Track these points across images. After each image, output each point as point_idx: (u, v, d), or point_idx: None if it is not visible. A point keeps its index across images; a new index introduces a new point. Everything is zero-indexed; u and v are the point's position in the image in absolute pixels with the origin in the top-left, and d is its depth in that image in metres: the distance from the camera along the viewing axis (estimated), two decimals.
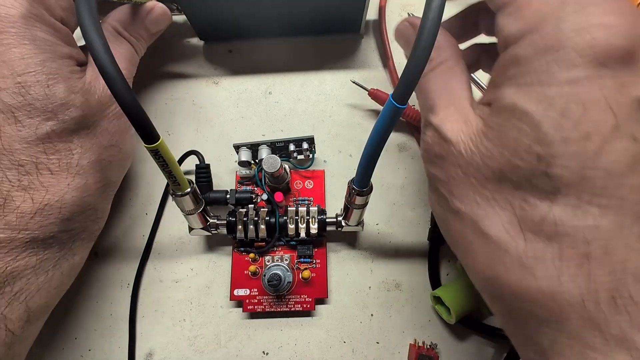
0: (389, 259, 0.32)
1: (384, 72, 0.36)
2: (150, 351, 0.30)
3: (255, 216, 0.29)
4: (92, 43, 0.18)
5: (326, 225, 0.29)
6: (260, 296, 0.30)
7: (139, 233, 0.33)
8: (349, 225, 0.29)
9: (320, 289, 0.30)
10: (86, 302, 0.31)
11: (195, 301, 0.31)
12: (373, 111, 0.35)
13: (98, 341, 0.31)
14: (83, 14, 0.18)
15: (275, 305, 0.30)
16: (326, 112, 0.35)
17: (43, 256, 0.23)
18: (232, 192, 0.31)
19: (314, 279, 0.30)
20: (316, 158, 0.33)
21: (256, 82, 0.36)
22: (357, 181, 0.23)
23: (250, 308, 0.30)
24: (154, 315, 0.31)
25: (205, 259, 0.32)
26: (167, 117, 0.35)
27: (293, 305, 0.30)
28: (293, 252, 0.31)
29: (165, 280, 0.32)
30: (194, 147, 0.33)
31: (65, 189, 0.23)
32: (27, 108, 0.21)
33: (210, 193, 0.31)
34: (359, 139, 0.34)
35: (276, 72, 0.36)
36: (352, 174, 0.23)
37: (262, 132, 0.35)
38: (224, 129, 0.35)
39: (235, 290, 0.30)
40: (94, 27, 0.18)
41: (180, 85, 0.36)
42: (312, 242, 0.31)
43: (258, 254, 0.31)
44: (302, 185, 0.33)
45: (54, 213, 0.22)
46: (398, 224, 0.33)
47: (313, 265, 0.31)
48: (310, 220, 0.29)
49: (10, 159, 0.21)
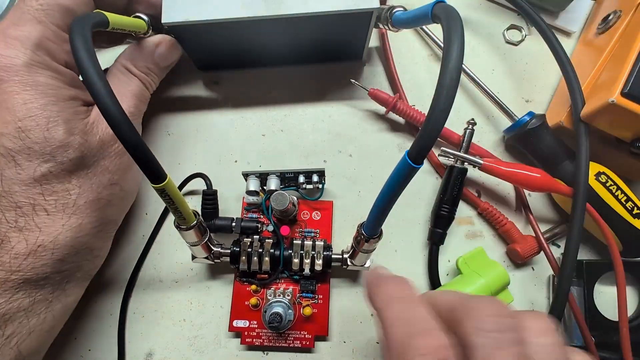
0: (389, 259, 0.32)
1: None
2: (150, 351, 0.30)
3: (260, 247, 0.29)
4: (93, 86, 0.18)
5: (331, 262, 0.29)
6: (260, 329, 0.29)
7: (139, 233, 0.33)
8: (355, 265, 0.28)
9: (320, 326, 0.29)
10: (86, 302, 0.31)
11: (195, 301, 0.31)
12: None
13: (98, 341, 0.31)
14: (83, 60, 0.18)
15: (275, 340, 0.29)
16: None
17: (36, 298, 0.22)
18: (237, 220, 0.30)
19: (315, 315, 0.29)
20: (326, 189, 0.33)
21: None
22: (367, 228, 0.23)
23: (248, 341, 0.29)
24: (154, 315, 0.31)
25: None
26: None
27: (292, 341, 0.29)
28: (295, 286, 0.30)
29: (165, 280, 0.32)
30: (201, 165, 0.33)
31: (60, 229, 0.23)
32: (27, 151, 0.22)
33: (216, 220, 0.30)
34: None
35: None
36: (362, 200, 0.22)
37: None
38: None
39: (234, 321, 0.29)
40: (95, 73, 0.18)
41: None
42: (315, 276, 0.30)
43: (260, 285, 0.30)
44: (309, 216, 0.32)
45: (47, 254, 0.22)
46: (398, 224, 0.33)
47: (315, 301, 0.30)
48: (316, 256, 0.28)
49: (9, 201, 0.22)
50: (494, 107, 0.34)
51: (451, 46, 0.17)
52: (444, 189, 0.31)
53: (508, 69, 0.36)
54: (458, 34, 0.17)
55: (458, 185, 0.30)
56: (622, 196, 0.29)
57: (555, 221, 0.33)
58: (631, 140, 0.28)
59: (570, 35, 0.37)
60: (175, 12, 0.27)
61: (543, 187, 0.30)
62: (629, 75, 0.25)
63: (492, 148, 0.34)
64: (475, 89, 0.35)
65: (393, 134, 0.34)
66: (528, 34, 0.36)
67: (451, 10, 0.19)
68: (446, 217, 0.30)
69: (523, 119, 0.31)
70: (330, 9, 0.27)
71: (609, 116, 0.26)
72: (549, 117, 0.32)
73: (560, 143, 0.31)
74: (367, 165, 0.34)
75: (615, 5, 0.32)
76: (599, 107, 0.26)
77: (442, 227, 0.31)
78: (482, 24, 0.33)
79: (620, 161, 0.30)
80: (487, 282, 0.29)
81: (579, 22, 0.37)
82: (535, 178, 0.29)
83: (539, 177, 0.29)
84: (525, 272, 0.32)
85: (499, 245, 0.32)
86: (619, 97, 0.25)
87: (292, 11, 0.27)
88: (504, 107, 0.33)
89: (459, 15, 0.18)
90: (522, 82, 0.36)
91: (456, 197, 0.31)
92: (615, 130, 0.28)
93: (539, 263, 0.32)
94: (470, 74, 0.34)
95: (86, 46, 0.18)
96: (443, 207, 0.30)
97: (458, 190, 0.30)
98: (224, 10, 0.27)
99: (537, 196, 0.33)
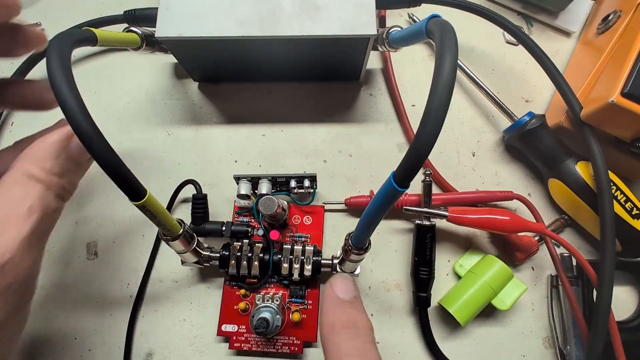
0: (389, 258, 0.32)
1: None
2: (150, 351, 0.30)
3: (249, 252, 0.28)
4: (65, 104, 0.16)
5: (320, 267, 0.28)
6: (248, 334, 0.29)
7: (139, 233, 0.33)
8: (344, 271, 0.28)
9: (309, 332, 0.29)
10: (86, 302, 0.31)
11: (195, 301, 0.31)
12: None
13: (98, 341, 0.31)
14: (56, 77, 0.17)
15: (263, 346, 0.29)
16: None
17: None
18: (228, 224, 0.30)
19: (304, 321, 0.29)
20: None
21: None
22: (355, 239, 0.22)
23: (237, 345, 0.29)
24: (154, 315, 0.31)
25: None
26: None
27: (281, 347, 0.29)
28: (285, 291, 0.30)
29: (165, 280, 0.32)
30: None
31: None
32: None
33: (206, 224, 0.30)
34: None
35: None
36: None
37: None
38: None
39: (223, 326, 0.29)
40: (68, 90, 0.17)
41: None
42: (305, 282, 0.30)
43: (249, 290, 0.30)
44: (300, 220, 0.31)
45: None
46: (398, 224, 0.33)
47: (304, 306, 0.29)
48: (305, 261, 0.28)
49: None
50: (493, 107, 0.34)
51: (442, 65, 0.15)
52: (416, 251, 0.30)
53: (508, 69, 0.36)
54: (451, 52, 0.16)
55: (430, 244, 0.30)
56: (622, 197, 0.29)
57: (552, 217, 0.33)
58: (631, 140, 0.28)
59: (570, 35, 0.37)
60: (170, 27, 0.27)
61: (514, 229, 0.29)
62: (629, 75, 0.25)
63: (492, 148, 0.34)
64: (475, 89, 0.35)
65: (393, 134, 0.34)
66: (528, 34, 0.36)
67: (446, 25, 0.18)
68: (427, 279, 0.29)
69: (523, 119, 0.31)
70: (326, 33, 0.26)
71: (609, 116, 0.26)
72: (548, 117, 0.32)
73: (560, 143, 0.31)
74: (367, 165, 0.34)
75: (615, 5, 0.32)
76: (599, 107, 0.26)
77: (425, 290, 0.29)
78: (482, 24, 0.33)
79: (620, 161, 0.30)
80: (487, 280, 0.29)
81: (579, 22, 0.37)
82: (504, 221, 0.29)
83: (508, 220, 0.29)
84: (525, 272, 0.32)
85: (494, 246, 0.32)
86: (619, 97, 0.25)
87: (288, 33, 0.27)
88: (503, 107, 0.33)
89: (453, 31, 0.17)
90: (522, 82, 0.36)
91: (430, 255, 0.30)
92: (615, 130, 0.28)
93: (539, 263, 0.32)
94: (470, 74, 0.34)
95: (62, 64, 0.17)
96: (421, 270, 0.29)
97: (431, 249, 0.30)
98: (219, 28, 0.27)
99: (534, 194, 0.33)
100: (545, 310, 0.31)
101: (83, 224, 0.33)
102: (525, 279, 0.31)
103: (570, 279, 0.30)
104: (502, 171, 0.34)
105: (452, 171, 0.33)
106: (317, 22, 0.27)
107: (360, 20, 0.27)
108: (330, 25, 0.27)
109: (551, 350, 0.30)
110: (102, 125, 0.17)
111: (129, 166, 0.18)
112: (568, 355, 0.29)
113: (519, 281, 0.30)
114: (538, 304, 0.31)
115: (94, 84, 0.36)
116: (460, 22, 0.37)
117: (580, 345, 0.29)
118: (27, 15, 0.39)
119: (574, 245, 0.31)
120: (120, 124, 0.35)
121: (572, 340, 0.29)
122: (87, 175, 0.35)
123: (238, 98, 0.35)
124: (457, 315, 0.28)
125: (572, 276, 0.30)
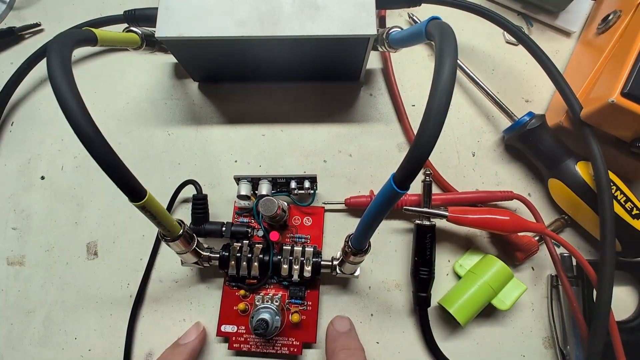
0: (389, 258, 0.32)
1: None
2: (150, 351, 0.30)
3: (249, 252, 0.28)
4: (65, 103, 0.16)
5: (320, 269, 0.28)
6: (247, 335, 0.29)
7: (139, 233, 0.33)
8: (344, 273, 0.28)
9: (309, 333, 0.29)
10: (86, 302, 0.31)
11: (195, 301, 0.31)
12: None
13: (98, 341, 0.31)
14: (56, 77, 0.17)
15: (262, 347, 0.29)
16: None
17: None
18: (228, 225, 0.30)
19: (303, 322, 0.29)
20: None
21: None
22: (355, 241, 0.22)
23: (236, 346, 0.29)
24: (154, 315, 0.31)
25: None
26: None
27: (280, 348, 0.29)
28: (285, 292, 0.30)
29: (165, 280, 0.32)
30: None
31: None
32: None
33: (206, 225, 0.30)
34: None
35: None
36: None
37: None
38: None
39: (222, 326, 0.29)
40: (68, 90, 0.17)
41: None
42: (305, 283, 0.30)
43: (249, 290, 0.30)
44: (300, 221, 0.31)
45: None
46: (398, 224, 0.33)
47: (304, 307, 0.29)
48: (305, 262, 0.28)
49: None
50: (493, 107, 0.34)
51: (441, 68, 0.15)
52: (416, 251, 0.30)
53: (508, 69, 0.36)
54: (451, 56, 0.16)
55: (430, 244, 0.30)
56: (622, 197, 0.29)
57: (552, 217, 0.33)
58: (631, 140, 0.28)
59: (570, 35, 0.37)
60: (170, 27, 0.27)
61: (514, 229, 0.29)
62: (629, 75, 0.25)
63: (492, 148, 0.34)
64: (475, 89, 0.35)
65: (393, 134, 0.34)
66: (528, 34, 0.36)
67: (445, 28, 0.18)
68: (427, 279, 0.29)
69: (523, 119, 0.31)
70: (326, 33, 0.26)
71: (609, 116, 0.26)
72: (548, 117, 0.32)
73: (560, 143, 0.31)
74: (367, 165, 0.34)
75: (615, 5, 0.32)
76: (599, 107, 0.26)
77: (425, 290, 0.29)
78: (482, 24, 0.33)
79: (620, 161, 0.30)
80: (487, 280, 0.29)
81: (579, 22, 0.37)
82: (504, 221, 0.29)
83: (508, 220, 0.29)
84: (525, 272, 0.32)
85: (494, 246, 0.32)
86: (618, 97, 0.25)
87: (288, 33, 0.27)
88: (503, 107, 0.33)
89: (453, 34, 0.17)
90: (522, 82, 0.36)
91: (430, 255, 0.30)
92: (615, 130, 0.28)
93: (539, 263, 0.32)
94: (470, 74, 0.34)
95: (63, 64, 0.17)
96: (421, 270, 0.29)
97: (431, 249, 0.30)
98: (219, 28, 0.27)
99: (534, 194, 0.33)
100: (545, 310, 0.31)
101: (83, 224, 0.33)
102: (525, 279, 0.31)
103: (570, 279, 0.30)
104: (502, 171, 0.34)
105: (452, 171, 0.33)
106: (317, 22, 0.27)
107: (360, 20, 0.27)
108: (330, 25, 0.27)
109: (551, 350, 0.30)
110: (102, 125, 0.17)
111: (129, 166, 0.18)
112: (568, 355, 0.29)
113: (519, 281, 0.30)
114: (538, 304, 0.31)
115: (94, 84, 0.36)
116: (460, 22, 0.37)
117: (580, 345, 0.29)
118: (27, 15, 0.39)
119: (574, 245, 0.31)
120: (120, 124, 0.35)
121: (572, 340, 0.29)
122: (87, 175, 0.35)
123: (238, 98, 0.35)
124: (457, 315, 0.28)
125: (572, 276, 0.30)
